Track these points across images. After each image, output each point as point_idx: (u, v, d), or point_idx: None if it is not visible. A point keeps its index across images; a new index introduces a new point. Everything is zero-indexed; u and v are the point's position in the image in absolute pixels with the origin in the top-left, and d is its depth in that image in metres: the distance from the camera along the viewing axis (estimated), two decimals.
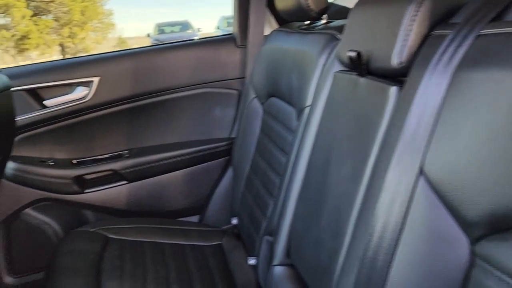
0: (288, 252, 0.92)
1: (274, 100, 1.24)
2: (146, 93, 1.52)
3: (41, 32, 12.43)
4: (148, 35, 14.01)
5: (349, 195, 0.67)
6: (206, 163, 1.57)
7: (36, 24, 12.18)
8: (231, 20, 1.64)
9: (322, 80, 0.91)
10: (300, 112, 1.01)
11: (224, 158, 1.58)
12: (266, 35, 1.45)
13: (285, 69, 1.15)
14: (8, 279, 1.43)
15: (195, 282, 1.15)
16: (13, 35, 11.91)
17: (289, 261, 0.91)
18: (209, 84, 1.57)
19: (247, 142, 1.36)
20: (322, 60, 0.94)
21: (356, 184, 0.66)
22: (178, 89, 1.54)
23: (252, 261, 1.14)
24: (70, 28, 13.08)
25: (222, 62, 1.57)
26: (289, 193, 0.95)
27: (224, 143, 1.58)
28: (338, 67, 0.86)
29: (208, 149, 1.56)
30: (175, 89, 1.54)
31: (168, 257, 1.24)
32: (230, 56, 1.57)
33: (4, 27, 11.71)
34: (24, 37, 12.02)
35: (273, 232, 0.99)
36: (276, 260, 0.92)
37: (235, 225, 1.39)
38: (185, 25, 14.23)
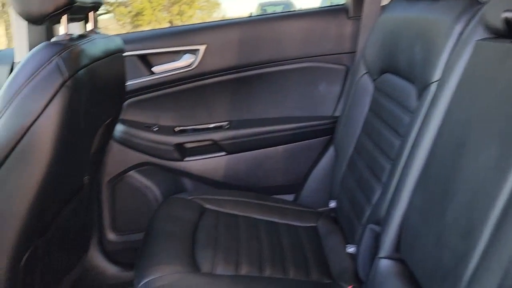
0: (397, 246, 0.81)
1: (388, 76, 1.12)
2: (251, 64, 1.48)
3: (154, 9, 13.17)
4: (251, 15, 14.14)
5: (490, 187, 0.55)
6: (306, 141, 1.50)
7: (150, 2, 12.92)
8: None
9: (457, 51, 0.77)
10: (422, 89, 0.89)
11: (325, 137, 1.49)
12: (383, 6, 1.32)
13: (405, 41, 1.02)
14: (111, 236, 1.51)
15: (287, 262, 1.10)
16: (129, 12, 12.78)
17: (398, 256, 0.81)
18: (316, 58, 1.48)
19: (353, 121, 1.26)
20: (458, 28, 0.80)
21: (502, 173, 0.54)
22: (283, 62, 1.48)
23: (351, 249, 1.06)
24: (180, 6, 13.69)
25: (332, 35, 1.47)
26: (403, 181, 0.84)
27: (327, 121, 1.49)
28: (480, 34, 0.72)
29: (310, 126, 1.49)
30: (280, 61, 1.48)
31: (262, 234, 1.20)
32: (340, 28, 1.46)
33: (123, 4, 12.59)
34: (138, 14, 12.83)
35: (380, 221, 0.89)
36: (383, 253, 0.82)
37: (332, 209, 1.31)
38: (287, 5, 14.11)
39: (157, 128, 1.49)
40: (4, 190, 0.81)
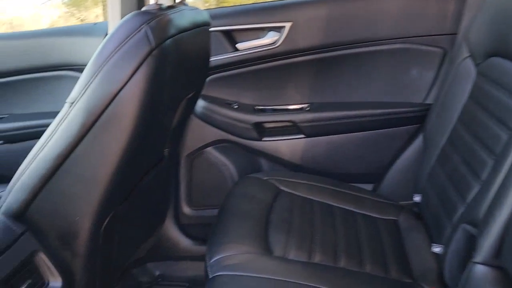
0: (497, 251, 0.72)
1: (496, 60, 0.99)
2: (338, 44, 1.40)
3: None
4: None
5: None
6: (392, 129, 1.40)
7: None
8: None
9: None
10: None
11: (413, 126, 1.38)
12: None
13: None
14: (186, 209, 1.53)
15: (364, 254, 1.03)
16: None
17: (498, 263, 0.71)
18: (411, 39, 1.36)
19: (449, 109, 1.14)
20: None
21: None
22: (374, 42, 1.38)
23: (437, 249, 0.97)
24: None
25: (431, 14, 1.34)
26: (510, 179, 0.73)
27: (416, 108, 1.38)
28: None
29: (397, 113, 1.38)
30: (370, 41, 1.38)
31: (338, 222, 1.15)
32: (441, 6, 1.33)
33: None
34: None
35: (477, 222, 0.80)
36: (479, 257, 0.73)
37: (416, 203, 1.21)
38: None
39: (237, 106, 1.47)
40: (89, 156, 0.83)
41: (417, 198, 1.20)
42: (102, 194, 0.86)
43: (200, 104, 1.46)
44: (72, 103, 0.81)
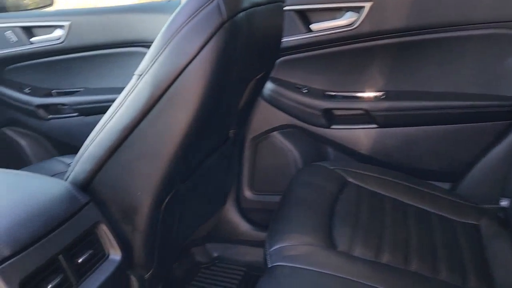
0: None
1: None
2: (422, 27, 1.27)
3: None
4: None
5: None
6: (478, 123, 1.26)
7: None
8: None
9: None
10: None
11: (504, 122, 1.24)
12: None
13: None
14: (248, 193, 1.50)
15: (439, 260, 0.93)
16: None
17: None
18: (508, 23, 1.21)
19: None
20: None
21: None
22: (464, 27, 1.24)
23: None
24: None
25: None
26: None
27: (508, 102, 1.23)
28: None
29: (486, 106, 1.24)
30: (461, 25, 1.24)
31: (410, 221, 1.05)
32: None
33: None
34: None
35: None
36: None
37: (502, 208, 1.08)
38: None
39: (306, 90, 1.40)
40: (153, 131, 0.81)
41: (504, 203, 1.07)
42: (164, 171, 0.84)
43: (269, 86, 1.41)
44: (140, 75, 0.79)
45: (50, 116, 1.64)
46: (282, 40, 1.16)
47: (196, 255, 1.49)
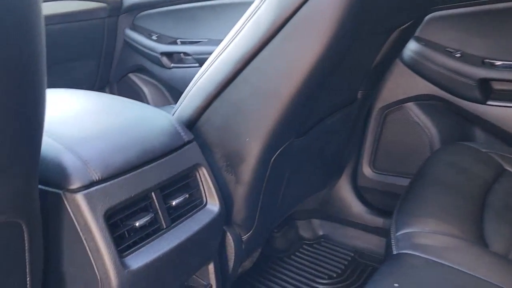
0: None
1: None
2: None
3: None
4: None
5: None
6: None
7: None
8: None
9: None
10: None
11: None
12: None
13: None
14: (367, 171, 1.31)
15: None
16: None
17: None
18: None
19: None
20: None
21: None
22: None
23: None
24: None
25: None
26: None
27: None
28: None
29: None
30: None
31: None
32: None
33: None
34: None
35: None
36: None
37: None
38: None
39: (460, 55, 1.14)
40: (272, 64, 0.67)
41: None
42: (281, 114, 0.69)
43: (411, 47, 1.18)
44: None
45: (173, 65, 1.62)
46: None
47: (300, 229, 1.35)
